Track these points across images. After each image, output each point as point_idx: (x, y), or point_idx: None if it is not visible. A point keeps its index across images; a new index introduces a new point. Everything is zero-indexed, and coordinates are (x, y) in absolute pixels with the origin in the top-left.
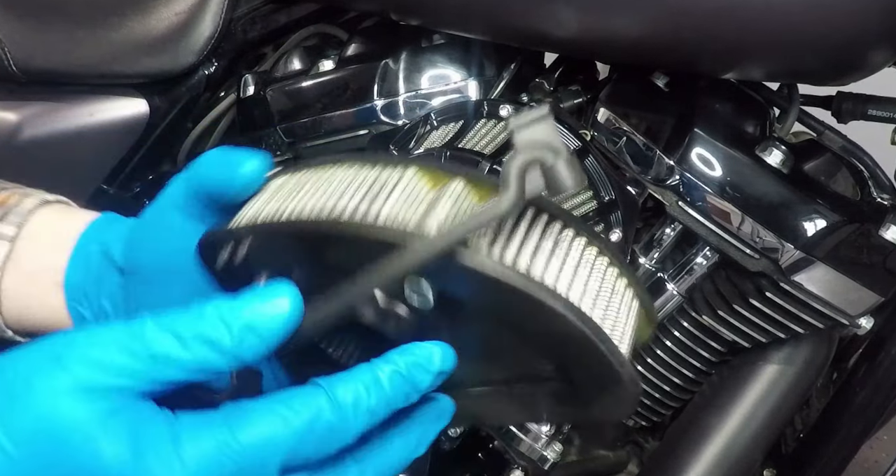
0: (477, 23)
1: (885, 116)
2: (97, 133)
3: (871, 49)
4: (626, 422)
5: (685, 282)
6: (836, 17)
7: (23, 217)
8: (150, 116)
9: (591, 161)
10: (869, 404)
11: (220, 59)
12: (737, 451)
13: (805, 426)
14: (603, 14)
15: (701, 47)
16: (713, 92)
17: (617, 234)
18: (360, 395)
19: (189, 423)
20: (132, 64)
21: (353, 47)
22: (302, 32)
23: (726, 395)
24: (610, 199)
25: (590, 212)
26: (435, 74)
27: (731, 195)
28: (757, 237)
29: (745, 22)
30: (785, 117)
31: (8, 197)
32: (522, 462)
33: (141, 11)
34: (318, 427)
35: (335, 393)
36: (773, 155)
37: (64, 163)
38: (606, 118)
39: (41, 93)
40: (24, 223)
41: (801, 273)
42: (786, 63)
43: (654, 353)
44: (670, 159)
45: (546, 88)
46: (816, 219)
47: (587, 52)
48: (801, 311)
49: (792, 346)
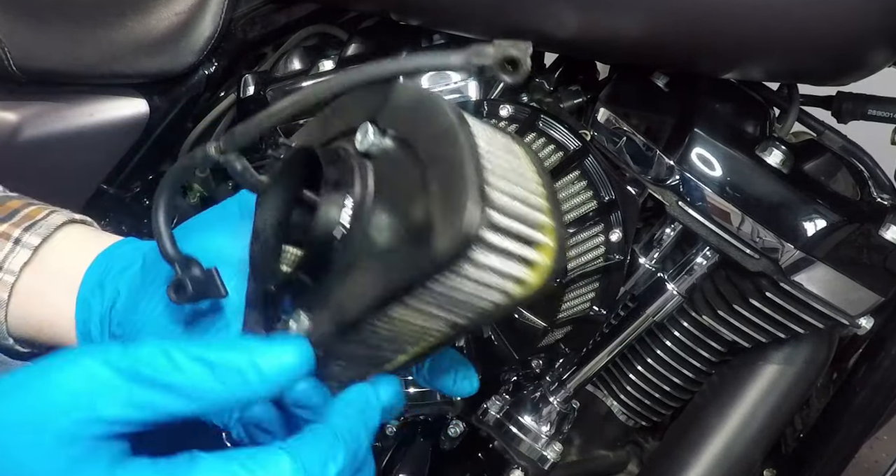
0: (477, 23)
1: (885, 116)
2: (97, 133)
3: (871, 49)
4: (626, 422)
5: (685, 282)
6: (836, 17)
7: (49, 230)
8: (150, 116)
9: (591, 161)
10: (869, 404)
11: (220, 59)
12: (737, 451)
13: (805, 426)
14: (603, 14)
15: (701, 47)
16: (713, 92)
17: (617, 234)
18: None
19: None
20: (132, 64)
21: (353, 47)
22: (302, 32)
23: (726, 395)
24: (610, 199)
25: (590, 212)
26: (435, 74)
27: (731, 195)
28: (757, 237)
29: (745, 22)
30: (785, 117)
31: (36, 211)
32: (522, 462)
33: (141, 11)
34: None
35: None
36: (773, 155)
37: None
38: (606, 118)
39: (41, 93)
40: (50, 236)
41: (801, 273)
42: (786, 63)
43: (654, 353)
44: (670, 159)
45: (546, 88)
46: (816, 219)
47: (587, 52)
48: (801, 311)
49: (792, 346)
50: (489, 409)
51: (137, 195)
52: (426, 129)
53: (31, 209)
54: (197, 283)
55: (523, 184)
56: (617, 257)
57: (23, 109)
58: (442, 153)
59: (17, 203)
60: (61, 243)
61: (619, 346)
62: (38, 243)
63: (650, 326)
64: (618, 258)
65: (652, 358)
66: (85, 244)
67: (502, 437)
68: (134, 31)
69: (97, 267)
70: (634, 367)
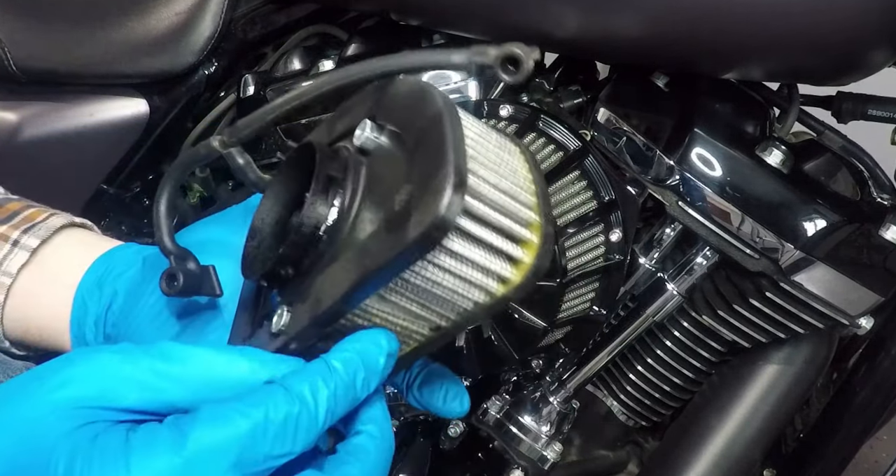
0: (477, 23)
1: (885, 116)
2: (97, 133)
3: (871, 49)
4: (626, 422)
5: (685, 282)
6: (836, 17)
7: (49, 232)
8: (150, 116)
9: (591, 161)
10: (869, 404)
11: (220, 59)
12: (737, 451)
13: (805, 426)
14: (603, 14)
15: (701, 47)
16: (713, 92)
17: (617, 234)
18: (315, 382)
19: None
20: (132, 64)
21: (353, 47)
22: (302, 32)
23: (726, 395)
24: (610, 199)
25: (590, 212)
26: (435, 74)
27: (731, 195)
28: (757, 237)
29: (745, 22)
30: (785, 117)
31: (36, 213)
32: (522, 462)
33: (141, 11)
34: (275, 419)
35: (290, 384)
36: (773, 155)
37: (64, 163)
38: (606, 118)
39: (41, 93)
40: (49, 238)
41: (801, 273)
42: (786, 63)
43: (654, 353)
44: (670, 159)
45: (546, 88)
46: (816, 219)
47: (587, 52)
48: (801, 311)
49: (792, 346)
50: (489, 409)
51: (137, 195)
52: (416, 119)
53: (30, 211)
54: (190, 277)
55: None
56: (617, 257)
57: (23, 109)
58: (427, 139)
59: (17, 205)
60: (60, 246)
61: (619, 346)
62: (37, 245)
63: (650, 326)
64: (618, 258)
65: (652, 358)
66: (84, 247)
67: (502, 437)
68: (134, 31)
69: (96, 269)
70: (634, 367)
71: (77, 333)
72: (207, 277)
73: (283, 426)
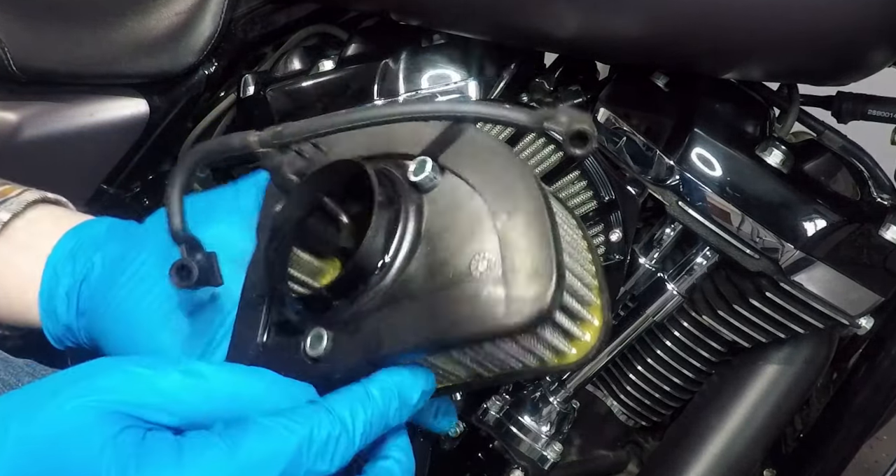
0: (477, 23)
1: (885, 116)
2: (97, 133)
3: (871, 49)
4: (626, 422)
5: (685, 282)
6: (836, 17)
7: (20, 206)
8: (150, 116)
9: (591, 161)
10: (869, 404)
11: (220, 59)
12: (737, 451)
13: (805, 426)
14: (603, 14)
15: (701, 47)
16: (713, 92)
17: (617, 234)
18: (355, 407)
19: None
20: (132, 64)
21: (353, 47)
22: (302, 32)
23: (726, 395)
24: (610, 199)
25: (590, 212)
26: (435, 74)
27: (731, 195)
28: (757, 237)
29: (745, 22)
30: (785, 117)
31: (10, 189)
32: (522, 462)
33: (141, 11)
34: (318, 437)
35: (332, 406)
36: (773, 155)
37: (64, 163)
38: (606, 118)
39: (41, 93)
40: (21, 212)
41: (801, 273)
42: (786, 63)
43: (654, 353)
44: (670, 159)
45: (546, 88)
46: (816, 219)
47: (587, 52)
48: (801, 311)
49: (792, 346)
50: (489, 409)
51: (137, 195)
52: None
53: (3, 188)
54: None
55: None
56: (617, 257)
57: (23, 109)
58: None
59: None
60: (32, 220)
61: (619, 346)
62: (8, 218)
63: (650, 326)
64: (618, 258)
65: (652, 358)
66: (57, 220)
67: (502, 437)
68: (134, 31)
69: (70, 239)
70: (634, 367)
71: (47, 307)
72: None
73: (325, 445)
